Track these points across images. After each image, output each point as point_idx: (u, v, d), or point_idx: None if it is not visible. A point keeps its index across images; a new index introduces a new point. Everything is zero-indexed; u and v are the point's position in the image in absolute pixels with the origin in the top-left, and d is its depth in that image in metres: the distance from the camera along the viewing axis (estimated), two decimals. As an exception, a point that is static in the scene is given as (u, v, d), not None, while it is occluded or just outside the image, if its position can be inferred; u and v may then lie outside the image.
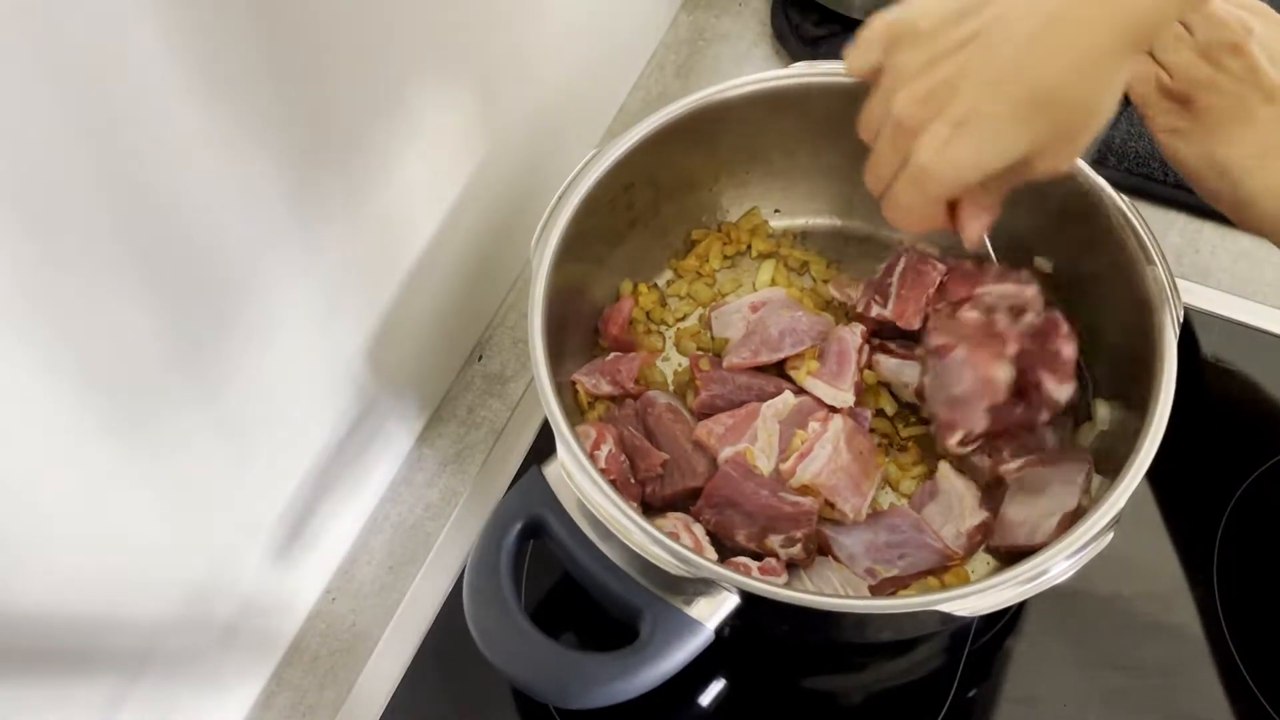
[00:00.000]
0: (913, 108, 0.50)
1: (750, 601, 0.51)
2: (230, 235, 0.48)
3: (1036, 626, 0.63)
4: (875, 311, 0.67)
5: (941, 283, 0.66)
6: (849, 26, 0.85)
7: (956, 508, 0.63)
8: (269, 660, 0.64)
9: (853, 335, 0.66)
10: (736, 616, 0.52)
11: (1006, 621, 0.64)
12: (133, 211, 0.42)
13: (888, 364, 0.67)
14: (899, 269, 0.67)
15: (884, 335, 0.68)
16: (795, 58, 0.83)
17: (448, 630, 0.64)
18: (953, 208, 0.54)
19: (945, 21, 0.49)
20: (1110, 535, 0.53)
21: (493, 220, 0.69)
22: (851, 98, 0.68)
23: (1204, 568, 0.65)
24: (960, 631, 0.63)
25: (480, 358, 0.75)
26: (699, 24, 0.91)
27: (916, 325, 0.66)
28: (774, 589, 0.51)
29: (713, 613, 0.51)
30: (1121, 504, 0.53)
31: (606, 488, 0.53)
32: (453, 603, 0.65)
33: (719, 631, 0.51)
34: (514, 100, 0.68)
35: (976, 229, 0.54)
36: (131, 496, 0.48)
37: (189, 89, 0.42)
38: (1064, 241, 0.66)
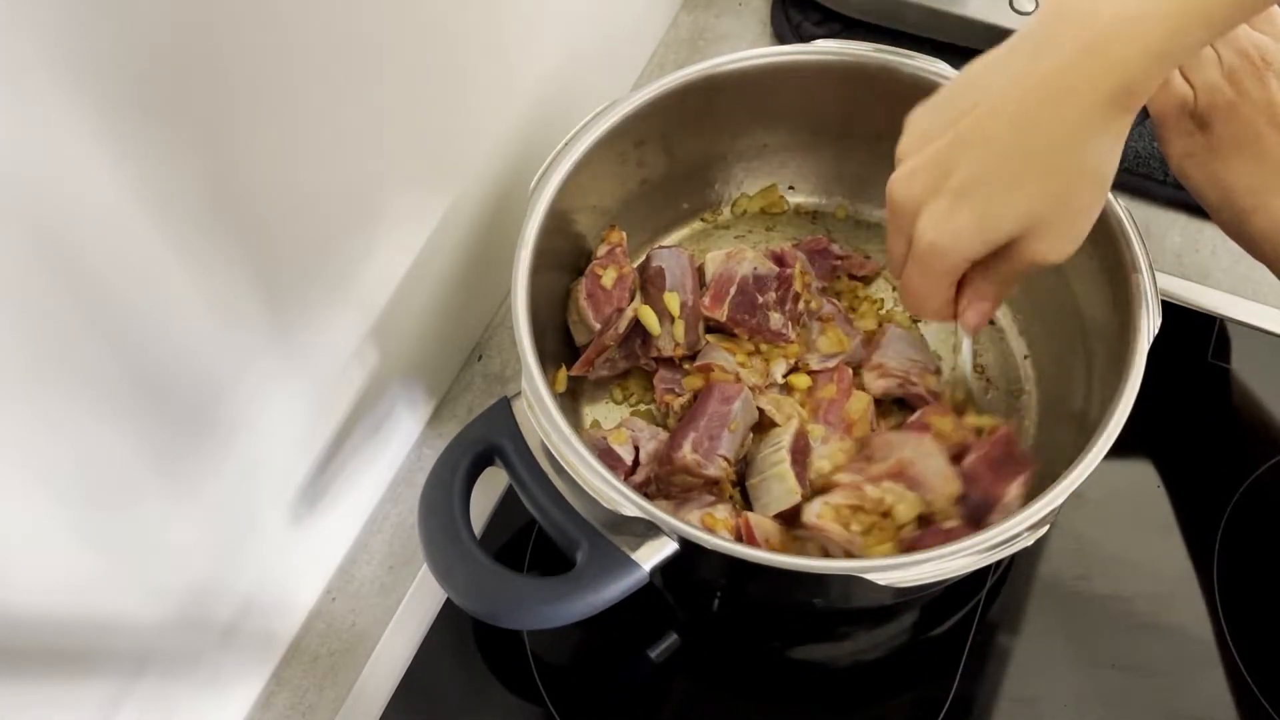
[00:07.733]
0: (903, 187, 0.51)
1: (687, 548, 0.53)
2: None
3: (1036, 626, 0.63)
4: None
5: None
6: (848, 25, 0.86)
7: None
8: (269, 660, 0.64)
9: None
10: (677, 564, 0.53)
11: (1007, 621, 0.64)
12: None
13: None
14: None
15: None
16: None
17: (448, 630, 0.64)
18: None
19: (936, 109, 0.51)
20: (1043, 530, 0.52)
21: (493, 221, 0.69)
22: (868, 81, 0.67)
23: (1204, 568, 0.65)
24: (960, 627, 0.63)
25: (480, 358, 0.75)
26: (699, 24, 0.91)
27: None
28: (704, 535, 0.52)
29: (651, 556, 0.53)
30: (1048, 509, 0.52)
31: (563, 423, 0.55)
32: (453, 603, 0.64)
33: (655, 574, 0.53)
34: (512, 100, 0.68)
35: (974, 317, 0.55)
36: (136, 496, 0.48)
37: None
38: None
